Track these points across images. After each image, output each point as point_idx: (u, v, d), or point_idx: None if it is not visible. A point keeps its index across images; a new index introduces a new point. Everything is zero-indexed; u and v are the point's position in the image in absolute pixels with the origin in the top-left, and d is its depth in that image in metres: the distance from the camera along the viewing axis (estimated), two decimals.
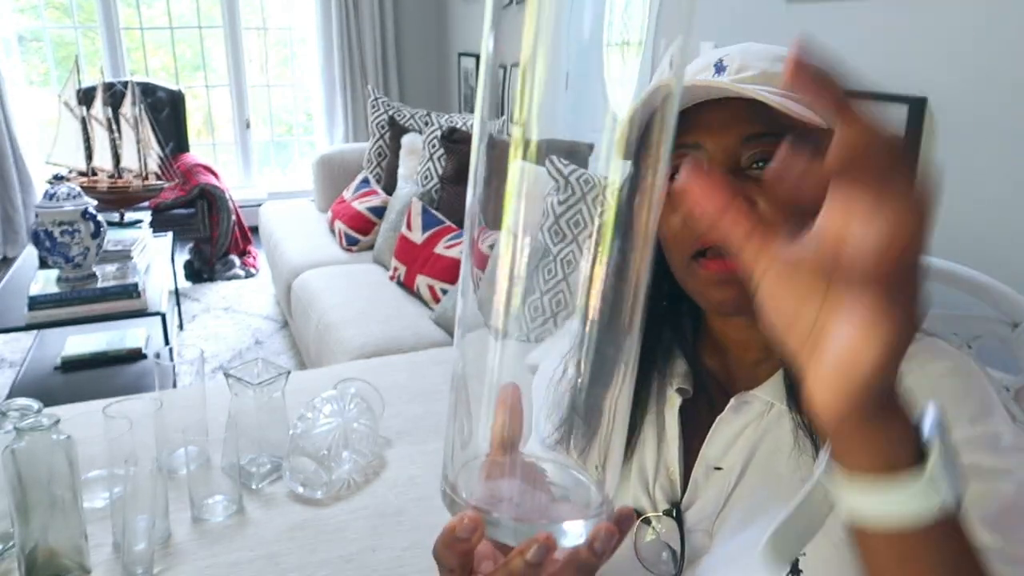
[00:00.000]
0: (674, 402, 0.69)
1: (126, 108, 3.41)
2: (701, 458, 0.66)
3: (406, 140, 3.32)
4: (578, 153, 2.90)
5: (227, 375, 1.36)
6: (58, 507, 1.10)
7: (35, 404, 1.18)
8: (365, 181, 3.44)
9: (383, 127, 3.57)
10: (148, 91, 4.44)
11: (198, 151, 4.87)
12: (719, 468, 0.65)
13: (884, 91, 1.90)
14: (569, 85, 0.62)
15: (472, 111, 4.86)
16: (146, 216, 3.38)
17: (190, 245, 4.28)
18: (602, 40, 0.38)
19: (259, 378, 1.37)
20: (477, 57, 4.33)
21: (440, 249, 2.47)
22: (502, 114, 0.41)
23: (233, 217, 4.24)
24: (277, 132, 5.45)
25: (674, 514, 0.65)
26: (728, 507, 0.63)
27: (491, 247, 0.47)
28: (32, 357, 2.87)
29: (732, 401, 0.66)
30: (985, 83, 1.66)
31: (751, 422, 0.65)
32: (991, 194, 1.68)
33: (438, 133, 3.00)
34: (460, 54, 4.70)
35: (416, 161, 3.21)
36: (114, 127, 3.40)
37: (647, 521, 0.66)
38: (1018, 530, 0.54)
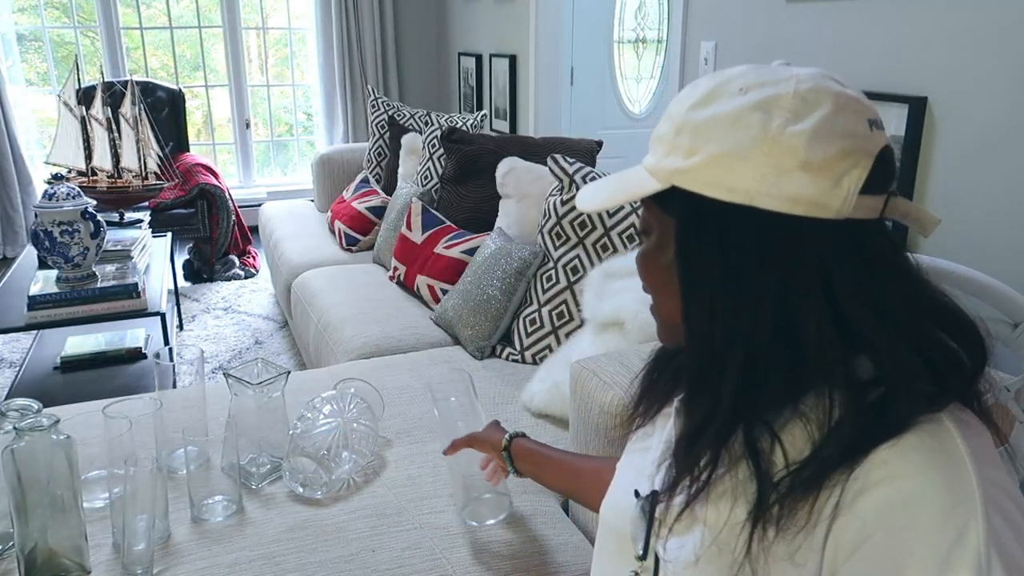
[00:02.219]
0: (675, 407, 0.72)
1: (126, 108, 3.41)
2: None
3: (406, 140, 3.32)
4: (584, 150, 2.86)
5: (227, 375, 1.36)
6: (58, 507, 1.10)
7: (35, 404, 1.18)
8: (365, 181, 3.44)
9: (383, 127, 3.57)
10: (148, 91, 4.44)
11: (198, 151, 4.88)
12: None
13: (884, 91, 1.89)
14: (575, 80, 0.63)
15: (472, 110, 4.86)
16: (146, 216, 3.38)
17: (190, 245, 4.28)
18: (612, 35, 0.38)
19: (259, 378, 1.37)
20: (477, 57, 4.34)
21: (440, 249, 2.47)
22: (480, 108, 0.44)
23: (233, 217, 4.24)
24: (277, 132, 5.45)
25: (644, 500, 0.69)
26: (695, 522, 0.63)
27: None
28: (32, 357, 2.87)
29: None
30: (985, 83, 1.66)
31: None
32: (991, 194, 1.68)
33: (438, 133, 3.00)
34: (460, 54, 4.70)
35: (416, 161, 3.21)
36: (114, 127, 3.40)
37: (637, 496, 0.70)
38: None
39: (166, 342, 2.58)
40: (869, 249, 0.59)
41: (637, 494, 0.70)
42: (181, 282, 4.06)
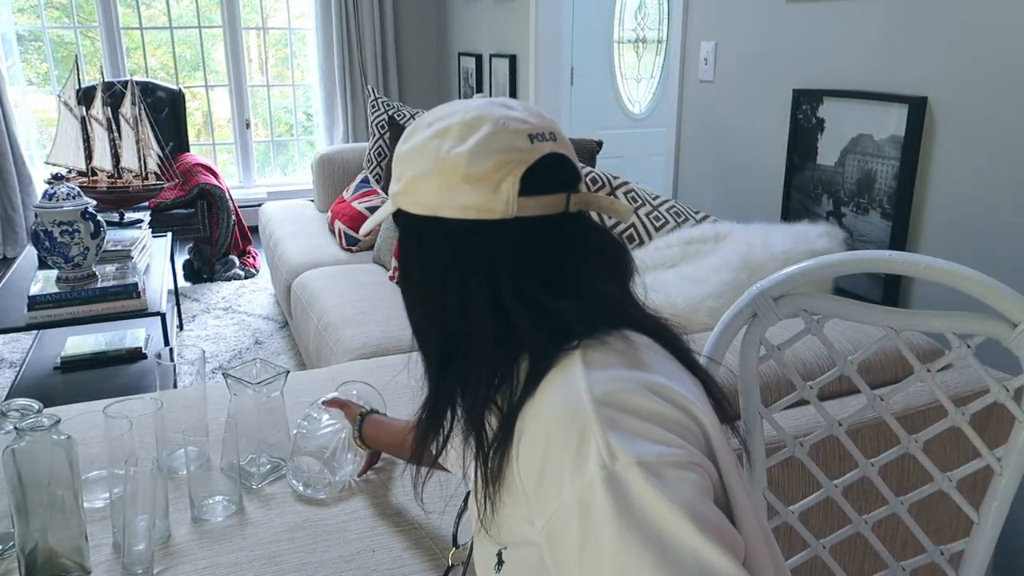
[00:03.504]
0: None
1: (126, 108, 3.41)
2: None
3: None
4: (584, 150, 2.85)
5: (226, 375, 1.36)
6: (58, 507, 1.10)
7: (35, 404, 1.18)
8: (365, 181, 3.44)
9: (383, 127, 3.57)
10: (148, 91, 4.44)
11: (198, 151, 4.88)
12: None
13: (884, 91, 1.90)
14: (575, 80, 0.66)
15: None
16: (146, 216, 3.38)
17: (190, 245, 4.28)
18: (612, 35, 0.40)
19: (258, 378, 1.37)
20: (477, 57, 4.34)
21: None
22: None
23: (233, 217, 4.24)
24: (277, 132, 5.46)
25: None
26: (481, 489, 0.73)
27: None
28: (32, 357, 2.88)
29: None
30: (985, 83, 1.66)
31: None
32: (991, 194, 1.68)
33: None
34: (460, 54, 4.71)
35: None
36: (114, 127, 3.40)
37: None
38: None
39: (166, 342, 2.58)
40: (539, 239, 0.69)
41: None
42: (181, 282, 4.06)
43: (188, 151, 4.60)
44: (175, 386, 1.46)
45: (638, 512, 0.55)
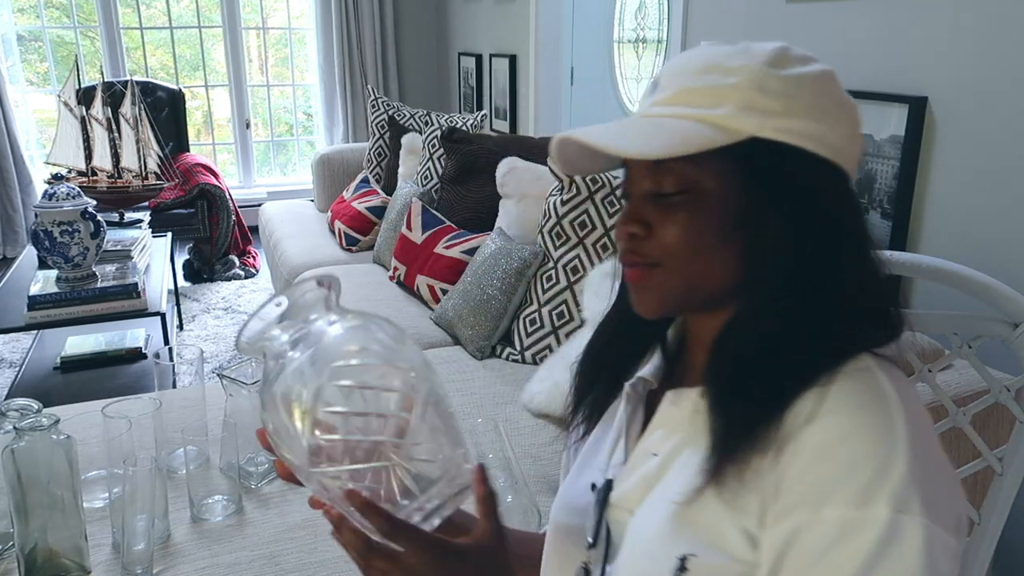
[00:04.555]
0: (625, 393, 0.75)
1: (126, 108, 3.41)
2: (640, 444, 0.71)
3: (406, 140, 3.32)
4: None
5: (221, 376, 1.36)
6: (58, 507, 1.10)
7: (35, 404, 1.18)
8: (365, 181, 3.43)
9: (383, 127, 3.57)
10: (148, 91, 4.44)
11: (198, 151, 4.88)
12: (656, 455, 0.68)
13: (884, 91, 1.90)
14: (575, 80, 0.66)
15: (472, 110, 4.86)
16: (146, 216, 3.38)
17: (190, 245, 4.28)
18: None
19: (253, 378, 1.37)
20: (477, 57, 4.33)
21: (440, 249, 2.47)
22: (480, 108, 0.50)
23: (233, 217, 4.24)
24: (277, 132, 5.45)
25: (599, 489, 0.71)
26: (653, 492, 0.66)
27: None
28: (32, 357, 2.87)
29: (668, 395, 0.70)
30: (985, 83, 1.66)
31: (688, 417, 0.67)
32: (991, 194, 1.68)
33: (438, 133, 3.00)
34: (460, 54, 4.70)
35: (416, 161, 3.21)
36: (114, 127, 3.40)
37: (594, 489, 0.72)
38: None
39: (166, 342, 2.58)
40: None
41: (593, 487, 0.72)
42: (181, 282, 4.06)
43: (188, 151, 4.60)
44: (174, 386, 1.46)
45: (895, 570, 0.53)
